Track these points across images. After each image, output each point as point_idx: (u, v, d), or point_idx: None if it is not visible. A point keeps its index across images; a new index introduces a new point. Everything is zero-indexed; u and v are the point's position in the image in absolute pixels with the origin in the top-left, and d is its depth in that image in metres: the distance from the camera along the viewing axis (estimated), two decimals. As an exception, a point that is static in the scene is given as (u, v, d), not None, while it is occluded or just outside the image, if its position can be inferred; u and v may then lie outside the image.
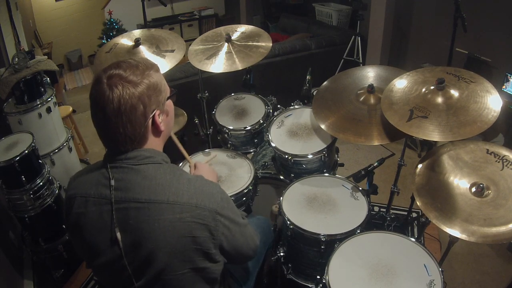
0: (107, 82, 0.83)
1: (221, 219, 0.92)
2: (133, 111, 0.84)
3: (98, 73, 0.87)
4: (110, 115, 0.83)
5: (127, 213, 0.87)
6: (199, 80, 2.15)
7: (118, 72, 0.85)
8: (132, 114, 0.84)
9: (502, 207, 1.15)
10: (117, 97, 0.82)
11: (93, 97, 0.85)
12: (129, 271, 0.90)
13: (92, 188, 0.91)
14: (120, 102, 0.82)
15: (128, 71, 0.86)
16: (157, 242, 0.86)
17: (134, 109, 0.84)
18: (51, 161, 2.30)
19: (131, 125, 0.86)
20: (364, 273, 1.18)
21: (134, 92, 0.84)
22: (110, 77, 0.84)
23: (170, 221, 0.86)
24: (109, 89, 0.82)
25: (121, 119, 0.84)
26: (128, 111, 0.84)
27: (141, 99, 0.85)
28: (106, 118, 0.84)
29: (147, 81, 0.87)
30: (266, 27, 5.67)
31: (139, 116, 0.86)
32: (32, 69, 2.15)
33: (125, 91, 0.83)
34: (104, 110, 0.83)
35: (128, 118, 0.84)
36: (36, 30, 5.48)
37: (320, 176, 1.66)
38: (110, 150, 0.92)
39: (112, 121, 0.84)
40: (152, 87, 0.88)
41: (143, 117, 0.87)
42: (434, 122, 1.26)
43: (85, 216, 0.91)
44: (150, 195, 0.87)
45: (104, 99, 0.82)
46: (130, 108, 0.84)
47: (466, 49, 2.89)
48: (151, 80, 0.88)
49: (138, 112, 0.85)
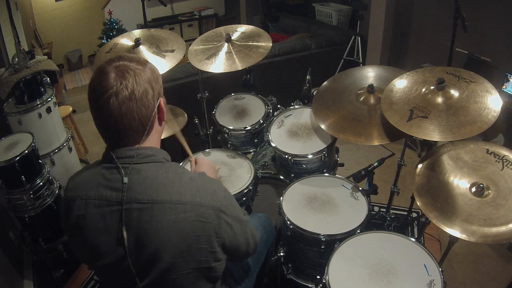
0: (115, 71, 0.84)
1: (224, 217, 0.92)
2: (145, 95, 0.87)
3: (101, 66, 0.87)
4: (123, 101, 0.83)
5: (130, 213, 0.87)
6: (199, 80, 2.15)
7: (124, 62, 0.87)
8: (145, 98, 0.87)
9: (502, 207, 1.15)
10: (130, 83, 0.84)
11: (100, 88, 0.84)
12: (133, 271, 0.89)
13: (92, 190, 0.90)
14: (134, 87, 0.84)
15: (132, 61, 0.89)
16: (161, 242, 0.86)
17: (145, 92, 0.87)
18: (51, 161, 2.30)
19: (145, 109, 0.87)
20: (364, 273, 1.18)
21: (144, 77, 0.87)
22: (117, 66, 0.86)
23: (174, 221, 0.86)
24: (120, 77, 0.84)
25: (136, 103, 0.85)
26: (141, 95, 0.86)
27: (150, 83, 0.88)
28: (120, 106, 0.83)
29: (150, 67, 0.91)
30: (266, 27, 5.67)
31: (150, 99, 0.88)
32: (32, 69, 2.15)
33: (137, 76, 0.86)
34: (117, 97, 0.83)
35: (142, 102, 0.86)
36: (36, 30, 5.48)
37: (320, 176, 1.66)
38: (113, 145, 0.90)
39: (126, 107, 0.84)
40: (155, 73, 0.92)
41: (153, 101, 0.89)
42: (434, 122, 1.26)
43: (86, 218, 0.90)
44: (153, 195, 0.86)
45: (116, 87, 0.83)
46: (143, 92, 0.86)
47: (466, 49, 2.89)
48: (152, 67, 0.92)
49: (149, 96, 0.88)
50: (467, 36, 2.04)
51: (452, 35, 2.04)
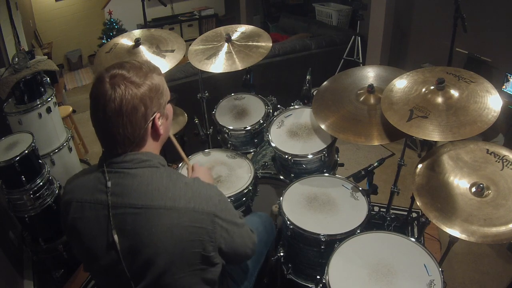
0: (109, 81, 0.83)
1: (219, 221, 0.91)
2: (134, 112, 0.84)
3: (100, 72, 0.86)
4: (110, 114, 0.83)
5: (124, 218, 0.86)
6: (199, 80, 2.15)
7: (121, 72, 0.84)
8: (133, 115, 0.84)
9: (502, 207, 1.15)
10: (119, 97, 0.82)
11: (94, 96, 0.85)
12: (128, 275, 0.89)
13: (88, 193, 0.90)
14: (122, 102, 0.82)
15: (131, 71, 0.85)
16: (155, 248, 0.86)
17: (135, 110, 0.84)
18: (51, 161, 2.30)
19: (131, 126, 0.85)
20: (364, 273, 1.18)
21: (136, 93, 0.84)
22: (113, 76, 0.83)
23: (168, 226, 0.86)
24: (111, 88, 0.82)
25: (122, 119, 0.83)
26: (129, 112, 0.83)
27: (142, 100, 0.85)
28: (106, 118, 0.83)
29: (150, 83, 0.87)
30: (266, 27, 5.67)
31: (140, 117, 0.85)
32: (32, 69, 2.15)
33: (128, 91, 0.83)
34: (105, 109, 0.82)
35: (128, 118, 0.84)
36: (36, 30, 5.48)
37: (320, 176, 1.66)
38: (107, 151, 0.91)
39: (112, 121, 0.83)
40: (154, 89, 0.88)
41: (143, 119, 0.86)
42: (434, 122, 1.26)
43: (82, 221, 0.90)
44: (147, 200, 0.86)
45: (106, 98, 0.82)
46: (131, 109, 0.83)
47: (466, 49, 2.89)
48: (153, 82, 0.88)
49: (139, 114, 0.85)
50: (467, 36, 2.04)
51: (452, 35, 2.04)
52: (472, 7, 2.50)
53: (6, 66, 2.21)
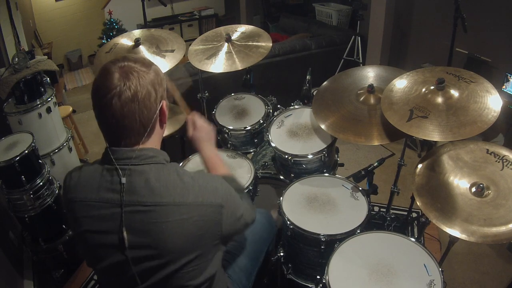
0: (119, 71, 0.85)
1: (225, 211, 0.94)
2: (148, 97, 0.87)
3: (106, 65, 0.88)
4: (125, 102, 0.84)
5: (133, 216, 0.87)
6: (199, 80, 2.15)
7: (128, 63, 0.88)
8: (147, 100, 0.87)
9: (502, 207, 1.15)
10: (134, 84, 0.85)
11: (104, 88, 0.84)
12: (135, 273, 0.89)
13: (93, 192, 0.90)
14: (137, 88, 0.85)
15: (137, 62, 0.89)
16: (165, 244, 0.87)
17: (148, 94, 0.87)
18: (51, 161, 2.30)
19: (147, 111, 0.88)
20: (364, 273, 1.18)
21: (147, 79, 0.88)
22: (122, 67, 0.86)
23: (178, 222, 0.87)
24: (123, 77, 0.84)
25: (138, 105, 0.85)
26: (144, 97, 0.86)
27: (153, 85, 0.89)
28: (122, 106, 0.84)
29: (154, 70, 0.91)
30: (266, 27, 5.67)
31: (153, 102, 0.89)
32: (32, 69, 2.15)
33: (141, 77, 0.86)
34: (120, 98, 0.83)
35: (144, 104, 0.86)
36: (36, 30, 5.48)
37: (320, 176, 1.66)
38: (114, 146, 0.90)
39: (129, 108, 0.84)
40: (159, 75, 0.92)
41: (155, 103, 0.90)
42: (434, 122, 1.26)
43: (87, 220, 0.90)
44: (156, 197, 0.87)
45: (120, 87, 0.83)
46: (145, 94, 0.86)
47: (466, 49, 2.89)
48: (156, 69, 0.93)
49: (152, 98, 0.88)
50: (467, 36, 2.04)
51: (452, 35, 2.04)
52: (472, 7, 2.50)
53: (6, 66, 2.21)
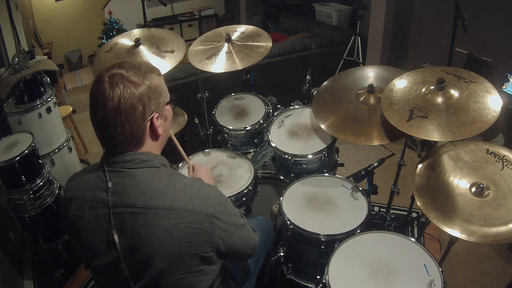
0: (108, 80, 0.84)
1: (217, 222, 0.91)
2: (132, 111, 0.85)
3: (100, 71, 0.87)
4: (109, 113, 0.84)
5: (123, 217, 0.87)
6: (199, 80, 2.15)
7: (120, 71, 0.86)
8: (131, 114, 0.85)
9: (502, 207, 1.15)
10: (117, 96, 0.83)
11: (94, 95, 0.86)
12: (127, 274, 0.90)
13: (88, 192, 0.91)
14: (120, 100, 0.83)
15: (130, 71, 0.87)
16: (153, 247, 0.86)
17: (133, 108, 0.85)
18: (51, 161, 2.30)
19: (129, 125, 0.86)
20: (364, 273, 1.18)
21: (135, 92, 0.85)
22: (112, 76, 0.85)
23: (166, 226, 0.86)
24: (110, 87, 0.83)
25: (120, 117, 0.84)
26: (127, 110, 0.84)
27: (141, 99, 0.86)
28: (105, 116, 0.84)
29: (148, 82, 0.88)
30: (266, 27, 5.67)
31: (138, 116, 0.86)
32: (32, 69, 2.15)
33: (126, 90, 0.84)
34: (104, 108, 0.83)
35: (126, 117, 0.85)
36: (36, 30, 5.48)
37: (320, 176, 1.65)
38: (107, 150, 0.92)
39: (111, 120, 0.84)
40: (152, 89, 0.89)
41: (141, 118, 0.87)
42: (434, 122, 1.26)
43: (81, 219, 0.91)
44: (146, 200, 0.86)
45: (105, 97, 0.83)
46: (129, 108, 0.84)
47: (466, 49, 2.89)
48: (152, 82, 0.89)
49: (137, 113, 0.86)
50: (467, 36, 2.05)
51: (452, 35, 2.04)
52: (472, 7, 2.50)
53: (6, 66, 2.21)
